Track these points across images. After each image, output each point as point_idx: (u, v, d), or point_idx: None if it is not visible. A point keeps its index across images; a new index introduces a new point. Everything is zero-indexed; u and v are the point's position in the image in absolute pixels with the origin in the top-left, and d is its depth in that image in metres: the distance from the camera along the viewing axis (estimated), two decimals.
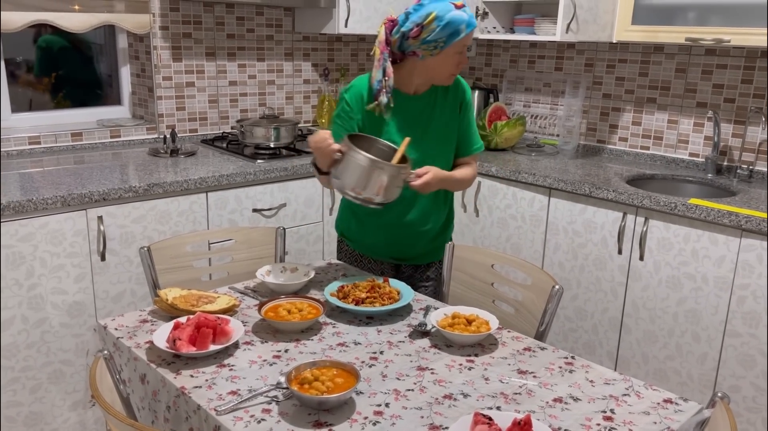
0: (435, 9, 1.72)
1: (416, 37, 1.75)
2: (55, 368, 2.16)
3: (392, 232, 1.96)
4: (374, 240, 2.00)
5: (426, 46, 1.76)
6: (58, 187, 2.12)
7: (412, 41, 1.76)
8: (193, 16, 2.87)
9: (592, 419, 1.24)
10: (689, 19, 2.39)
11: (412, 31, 1.74)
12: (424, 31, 1.73)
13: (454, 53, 1.78)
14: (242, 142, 2.75)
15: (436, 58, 1.78)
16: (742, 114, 2.62)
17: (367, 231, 1.99)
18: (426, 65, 1.81)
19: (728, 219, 2.08)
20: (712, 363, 2.22)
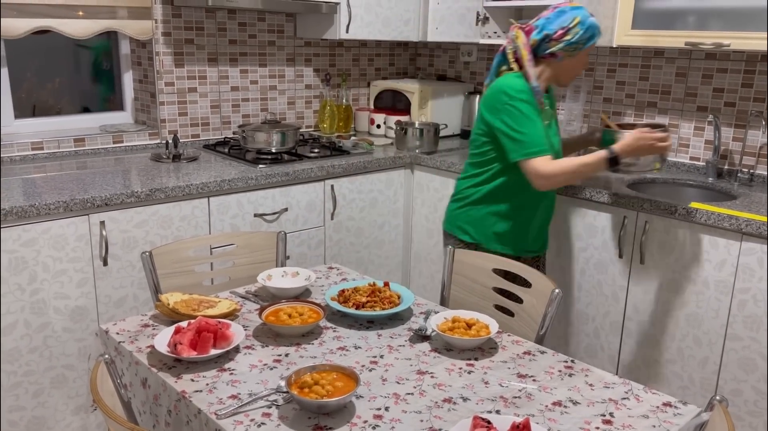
0: (579, 14, 1.99)
1: (559, 39, 1.99)
2: (57, 373, 2.17)
3: (538, 223, 2.18)
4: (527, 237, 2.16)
5: (568, 47, 2.00)
6: (60, 192, 2.14)
7: (554, 43, 2.00)
8: (195, 22, 2.88)
9: (591, 422, 1.25)
10: (689, 24, 2.40)
11: (557, 34, 1.99)
12: (569, 33, 1.98)
13: (585, 55, 2.06)
14: (244, 147, 2.77)
15: (572, 60, 2.04)
16: (743, 118, 2.62)
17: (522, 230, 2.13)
18: (561, 66, 2.05)
19: (728, 223, 2.09)
20: (713, 367, 2.22)
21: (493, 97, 2.00)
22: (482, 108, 2.06)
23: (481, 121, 2.07)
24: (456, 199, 2.19)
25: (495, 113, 1.99)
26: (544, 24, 2.00)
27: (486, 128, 2.05)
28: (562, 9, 2.01)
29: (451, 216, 2.20)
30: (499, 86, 1.99)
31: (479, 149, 2.10)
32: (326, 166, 2.68)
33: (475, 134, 2.11)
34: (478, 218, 2.13)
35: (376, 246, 2.99)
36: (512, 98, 1.94)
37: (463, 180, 2.17)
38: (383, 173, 2.91)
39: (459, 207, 2.17)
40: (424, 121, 3.24)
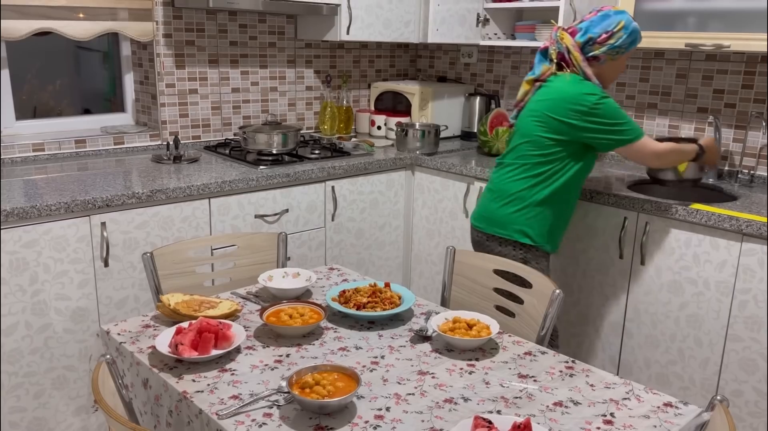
0: (623, 18, 2.03)
1: (603, 43, 2.03)
2: (58, 374, 2.17)
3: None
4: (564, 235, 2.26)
5: (611, 51, 2.04)
6: (61, 193, 2.14)
7: (597, 46, 2.04)
8: (196, 24, 2.89)
9: (592, 423, 1.25)
10: (689, 25, 2.40)
11: (601, 37, 2.02)
12: (613, 37, 2.02)
13: (625, 59, 2.11)
14: (245, 148, 2.77)
15: (613, 63, 2.08)
16: (743, 119, 2.63)
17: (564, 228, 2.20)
18: (601, 69, 2.08)
19: (729, 224, 2.09)
20: (714, 367, 2.22)
21: (574, 101, 1.99)
22: (556, 111, 2.02)
23: (553, 123, 2.03)
24: (510, 202, 2.11)
25: (583, 115, 1.99)
26: (588, 27, 2.04)
27: (565, 129, 2.02)
28: (606, 13, 2.04)
29: (508, 220, 2.11)
30: (578, 90, 2.00)
31: (543, 150, 2.05)
32: (327, 168, 2.68)
33: (539, 135, 2.05)
34: (540, 219, 2.10)
35: (376, 247, 2.99)
36: (598, 96, 1.99)
37: (519, 181, 2.10)
38: (384, 174, 2.92)
39: (518, 209, 2.09)
40: (425, 122, 3.24)
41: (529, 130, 2.08)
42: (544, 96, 2.07)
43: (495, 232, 2.14)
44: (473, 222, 2.24)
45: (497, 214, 2.13)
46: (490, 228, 2.15)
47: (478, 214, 2.22)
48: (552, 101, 2.03)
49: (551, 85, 2.07)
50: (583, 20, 2.07)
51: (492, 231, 2.15)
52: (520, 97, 2.17)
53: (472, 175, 2.77)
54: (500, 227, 2.13)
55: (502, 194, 2.13)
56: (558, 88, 2.04)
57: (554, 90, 2.05)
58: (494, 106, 3.32)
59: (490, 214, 2.15)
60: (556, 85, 2.05)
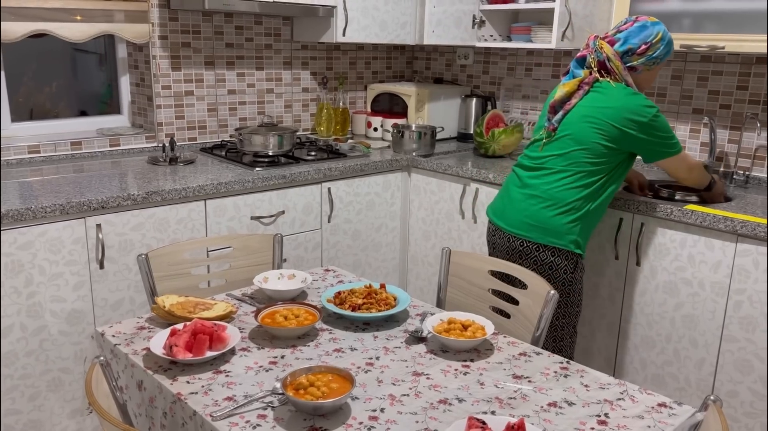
0: (660, 30, 2.05)
1: (642, 54, 2.04)
2: (53, 376, 2.17)
3: None
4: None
5: (648, 62, 2.05)
6: (57, 195, 2.14)
7: (636, 57, 2.05)
8: (192, 26, 2.89)
9: (587, 423, 1.25)
10: (684, 26, 2.41)
11: (640, 48, 2.03)
12: (651, 48, 2.04)
13: (659, 69, 2.12)
14: (241, 150, 2.77)
15: (649, 73, 2.10)
16: (738, 120, 2.63)
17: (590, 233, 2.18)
18: (638, 79, 2.09)
19: (724, 225, 2.09)
20: (709, 368, 2.22)
21: (635, 112, 1.99)
22: (616, 119, 1.99)
23: (611, 131, 2.00)
24: (567, 211, 2.04)
25: (642, 126, 2.00)
26: (627, 37, 2.04)
27: (620, 138, 2.00)
28: (644, 24, 2.05)
29: (565, 230, 2.04)
30: (638, 102, 2.01)
31: (598, 158, 2.02)
32: (323, 169, 2.68)
33: (596, 142, 2.01)
34: (587, 229, 2.09)
35: (373, 248, 2.99)
36: (656, 110, 2.03)
37: (574, 190, 2.03)
38: (380, 176, 2.92)
39: (574, 219, 2.04)
40: (421, 123, 3.24)
41: (586, 137, 2.02)
42: (600, 103, 2.01)
43: (549, 242, 2.06)
44: (512, 230, 2.11)
45: (552, 223, 2.05)
46: (544, 238, 2.06)
47: (519, 221, 2.10)
48: (612, 109, 1.99)
49: (604, 92, 2.02)
50: (620, 30, 2.07)
51: (546, 241, 2.06)
52: (561, 98, 2.08)
53: (468, 177, 2.77)
54: (556, 237, 2.05)
55: (556, 202, 2.05)
56: (615, 96, 2.00)
57: (612, 98, 2.00)
58: (490, 107, 3.33)
59: (541, 222, 2.06)
60: (612, 93, 2.01)
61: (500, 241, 2.17)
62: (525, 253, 2.09)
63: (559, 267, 2.06)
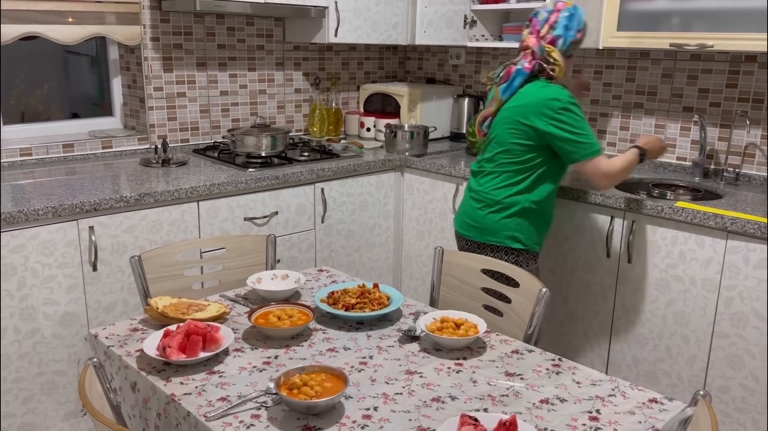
0: (581, 11, 2.07)
1: (580, 40, 2.09)
2: (47, 379, 2.16)
3: None
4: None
5: (572, 46, 2.09)
6: (49, 197, 2.13)
7: (573, 46, 2.09)
8: (184, 27, 2.89)
9: (578, 419, 1.26)
10: (673, 25, 2.42)
11: (577, 37, 2.08)
12: (582, 32, 2.09)
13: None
14: (234, 151, 2.77)
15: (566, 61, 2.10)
16: (728, 118, 2.65)
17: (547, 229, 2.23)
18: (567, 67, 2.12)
19: (714, 222, 2.11)
20: (701, 364, 2.24)
21: (542, 105, 2.01)
22: (525, 116, 2.05)
23: (523, 129, 2.06)
24: (498, 209, 2.13)
25: (548, 120, 2.01)
26: (565, 33, 2.06)
27: (533, 135, 2.05)
28: (570, 12, 2.07)
29: (496, 227, 2.14)
30: (547, 95, 2.02)
31: (520, 157, 2.09)
32: (316, 170, 2.69)
33: (513, 143, 2.08)
34: (529, 224, 2.14)
35: (366, 249, 3.00)
36: (565, 103, 2.00)
37: (503, 189, 2.12)
38: (373, 176, 2.92)
39: (506, 216, 2.12)
40: (414, 123, 3.25)
41: (505, 139, 2.10)
42: (514, 103, 2.09)
43: (487, 240, 2.16)
44: (460, 230, 2.25)
45: (486, 222, 2.15)
46: (482, 237, 2.17)
47: (464, 222, 2.23)
48: (522, 107, 2.06)
49: (520, 91, 2.09)
50: (552, 26, 2.07)
51: (484, 239, 2.16)
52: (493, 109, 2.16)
53: (461, 176, 2.78)
54: (491, 235, 2.15)
55: (488, 202, 2.15)
56: (527, 94, 2.06)
57: (524, 96, 2.07)
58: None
59: (478, 222, 2.17)
60: (525, 91, 2.07)
61: (458, 242, 2.32)
62: (471, 251, 2.20)
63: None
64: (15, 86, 2.74)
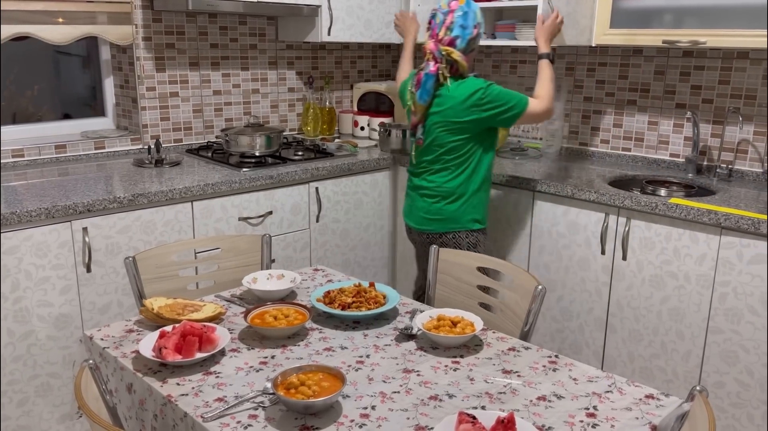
0: (476, 7, 2.17)
1: (477, 36, 2.19)
2: (42, 381, 2.15)
3: None
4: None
5: (473, 42, 2.19)
6: (42, 199, 2.12)
7: (472, 42, 2.19)
8: (176, 27, 2.88)
9: (575, 416, 1.26)
10: (666, 22, 2.43)
11: (474, 33, 2.18)
12: (480, 27, 2.19)
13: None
14: (227, 150, 2.76)
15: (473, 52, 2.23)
16: (720, 114, 2.67)
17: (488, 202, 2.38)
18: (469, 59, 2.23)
19: (708, 218, 2.12)
20: (696, 360, 2.25)
21: (467, 101, 2.15)
22: (458, 116, 2.17)
23: (459, 127, 2.19)
24: (454, 199, 2.27)
25: (479, 110, 2.16)
26: (462, 32, 2.16)
27: (470, 127, 2.19)
28: (464, 10, 2.16)
29: (457, 215, 2.27)
30: (467, 90, 2.16)
31: (461, 150, 2.23)
32: (310, 169, 2.68)
33: (452, 141, 2.21)
34: (481, 203, 2.31)
35: (362, 247, 3.00)
36: (483, 89, 2.15)
37: (454, 179, 2.26)
38: (368, 175, 2.92)
39: (463, 203, 2.27)
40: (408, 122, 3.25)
41: (444, 141, 2.22)
42: (442, 107, 2.20)
43: (449, 229, 2.30)
44: (418, 227, 2.36)
45: (445, 213, 2.28)
46: (444, 227, 2.30)
47: (421, 218, 2.34)
48: (452, 109, 2.17)
49: (441, 92, 2.19)
50: (449, 27, 2.16)
51: (446, 229, 2.30)
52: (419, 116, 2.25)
53: None
54: (453, 223, 2.29)
55: (443, 194, 2.28)
56: (450, 95, 2.18)
57: (448, 99, 2.18)
58: None
59: (437, 214, 2.29)
60: (447, 93, 2.18)
61: (415, 237, 2.43)
62: (432, 243, 2.31)
63: (461, 247, 2.29)
64: (6, 87, 2.72)
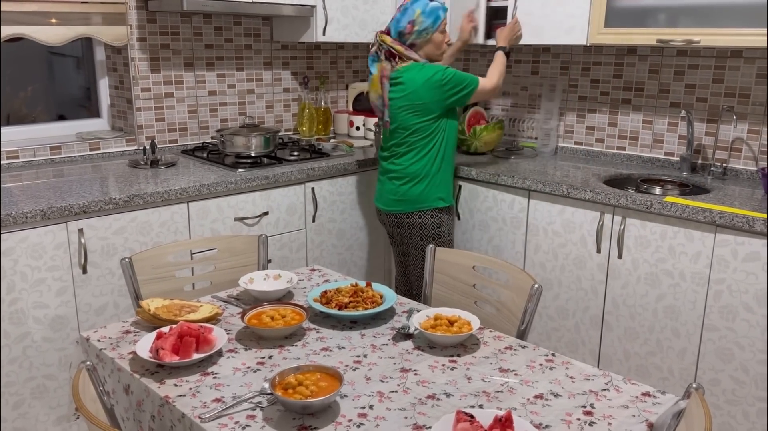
0: (418, 6, 2.38)
1: (411, 32, 2.39)
2: (38, 383, 2.14)
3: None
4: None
5: (419, 35, 2.39)
6: (37, 200, 2.11)
7: (408, 36, 2.39)
8: (171, 27, 2.87)
9: (573, 414, 1.26)
10: (660, 21, 2.44)
11: (407, 29, 2.39)
12: (416, 24, 2.37)
13: (439, 34, 2.42)
14: (223, 151, 2.76)
15: (431, 44, 2.42)
16: (715, 113, 2.68)
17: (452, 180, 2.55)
18: (425, 50, 2.43)
19: (703, 216, 2.13)
20: (691, 357, 2.26)
21: (427, 83, 2.34)
22: (420, 98, 2.35)
23: (423, 109, 2.37)
24: (419, 180, 2.44)
25: (438, 91, 2.35)
26: (395, 25, 2.41)
27: (433, 108, 2.37)
28: (405, 7, 2.40)
29: (424, 195, 2.45)
30: (426, 75, 2.35)
31: (426, 131, 2.41)
32: (306, 169, 2.68)
33: (417, 122, 2.39)
34: (445, 183, 2.47)
35: (358, 247, 3.00)
36: (440, 73, 2.34)
37: (418, 161, 2.43)
38: (363, 175, 2.92)
39: (428, 183, 2.44)
40: None
41: (410, 123, 2.40)
42: (404, 92, 2.38)
43: (416, 209, 2.47)
44: (386, 208, 2.54)
45: (412, 194, 2.45)
46: (412, 207, 2.47)
47: (389, 200, 2.52)
48: (414, 92, 2.36)
49: (404, 79, 2.38)
50: (391, 20, 2.44)
51: (413, 208, 2.47)
52: (376, 98, 2.47)
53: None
54: (420, 203, 2.46)
55: (409, 176, 2.45)
56: (411, 78, 2.37)
57: (410, 82, 2.37)
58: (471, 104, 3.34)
59: (404, 196, 2.47)
60: (408, 77, 2.37)
61: (384, 219, 2.59)
62: (400, 223, 2.51)
63: (427, 226, 2.47)
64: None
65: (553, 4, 2.68)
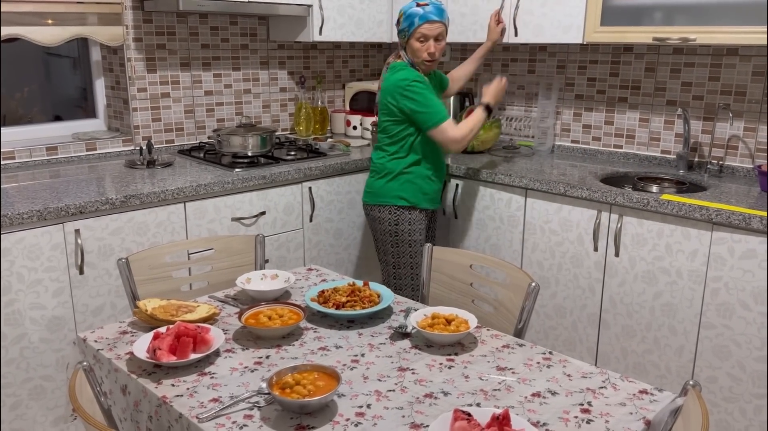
0: (402, 9, 2.41)
1: (398, 31, 2.43)
2: (35, 384, 2.14)
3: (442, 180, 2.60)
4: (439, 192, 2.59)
5: (400, 35, 2.43)
6: (33, 201, 2.11)
7: (402, 33, 2.42)
8: (167, 27, 2.87)
9: (570, 412, 1.27)
10: (656, 20, 2.44)
11: (398, 27, 2.43)
12: (399, 24, 2.41)
13: (416, 40, 2.38)
14: (219, 151, 2.75)
15: (410, 43, 2.40)
16: (711, 110, 2.68)
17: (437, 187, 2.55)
18: (409, 51, 2.43)
19: (699, 214, 2.13)
20: (688, 355, 2.26)
21: (395, 86, 2.35)
22: (387, 98, 2.39)
23: (389, 109, 2.39)
24: (382, 175, 2.48)
25: (400, 97, 2.34)
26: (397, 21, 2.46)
27: (396, 111, 2.38)
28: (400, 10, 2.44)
29: (383, 190, 2.48)
30: (394, 78, 2.36)
31: (392, 131, 2.43)
32: (303, 169, 2.68)
33: (384, 121, 2.44)
34: (410, 184, 2.46)
35: (355, 247, 3.00)
36: (410, 81, 2.32)
37: (384, 158, 2.47)
38: (361, 174, 2.92)
39: (388, 180, 2.46)
40: None
41: (380, 119, 2.47)
42: (381, 88, 2.45)
43: (376, 201, 2.50)
44: (363, 199, 2.59)
45: (374, 187, 2.51)
46: (375, 200, 2.50)
47: (364, 191, 2.58)
48: (383, 90, 2.42)
49: (384, 75, 2.45)
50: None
51: (376, 201, 2.50)
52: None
53: (448, 173, 2.78)
54: (381, 197, 2.49)
55: (376, 170, 2.51)
56: (386, 77, 2.42)
57: (385, 80, 2.42)
58: (468, 103, 3.35)
59: (371, 188, 2.52)
60: (387, 75, 2.43)
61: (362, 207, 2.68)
62: (366, 214, 2.57)
63: (383, 220, 2.49)
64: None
65: (551, 2, 2.68)
